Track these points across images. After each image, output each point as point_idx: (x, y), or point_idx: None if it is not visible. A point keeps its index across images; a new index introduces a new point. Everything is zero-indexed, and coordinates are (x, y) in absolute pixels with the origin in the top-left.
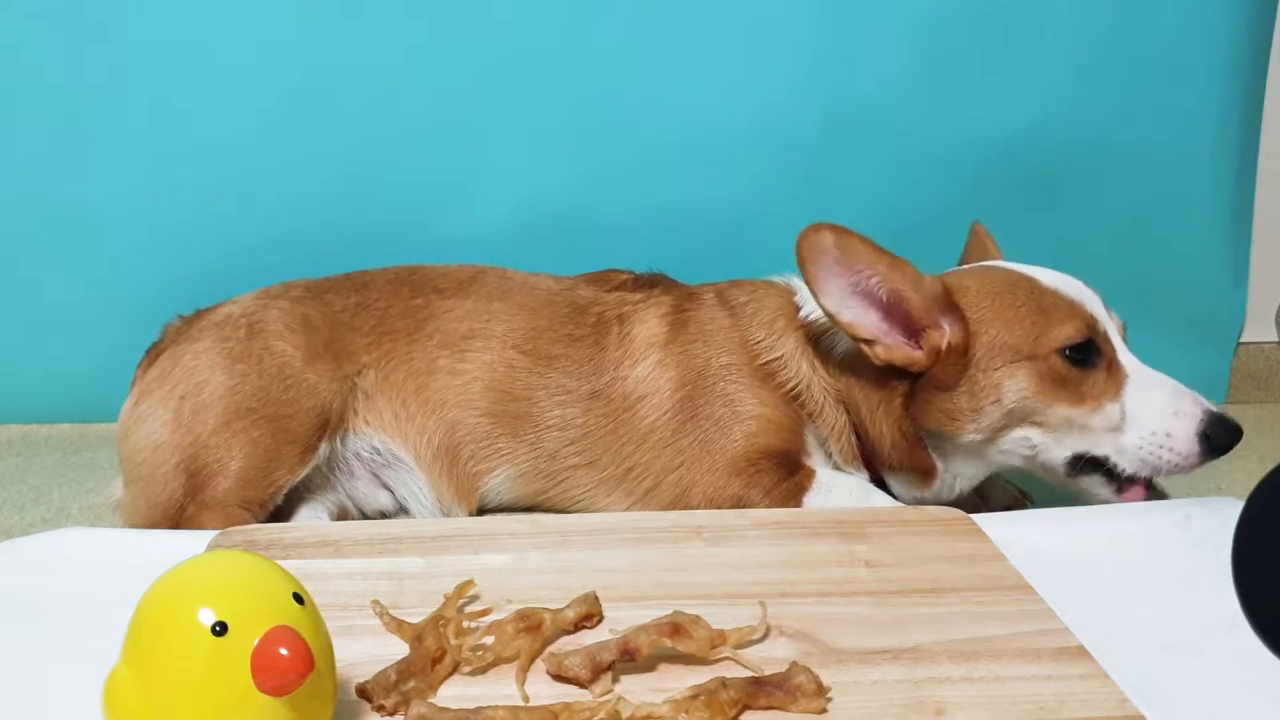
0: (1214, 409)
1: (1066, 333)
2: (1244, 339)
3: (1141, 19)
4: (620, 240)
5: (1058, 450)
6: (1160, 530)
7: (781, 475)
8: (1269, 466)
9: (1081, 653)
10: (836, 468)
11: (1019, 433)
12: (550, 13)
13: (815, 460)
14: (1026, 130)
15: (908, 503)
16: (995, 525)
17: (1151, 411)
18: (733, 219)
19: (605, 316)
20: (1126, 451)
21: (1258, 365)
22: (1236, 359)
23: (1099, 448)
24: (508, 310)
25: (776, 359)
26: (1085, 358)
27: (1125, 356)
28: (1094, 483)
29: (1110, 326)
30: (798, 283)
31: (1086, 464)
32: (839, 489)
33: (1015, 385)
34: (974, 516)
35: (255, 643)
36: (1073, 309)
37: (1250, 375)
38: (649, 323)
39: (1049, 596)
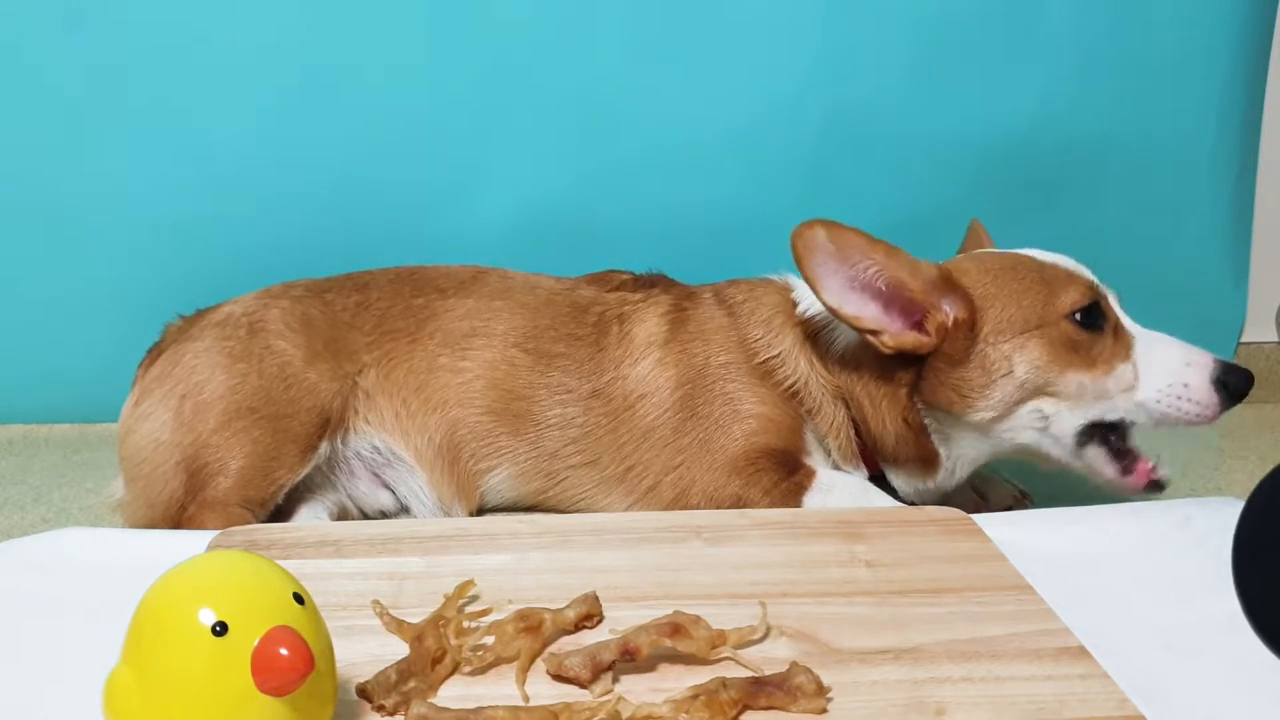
0: (1222, 359)
1: (1073, 298)
2: (1244, 339)
3: (1141, 18)
4: (621, 240)
5: (1071, 420)
6: (1160, 530)
7: (781, 474)
8: (1269, 466)
9: (1081, 653)
10: (835, 465)
11: (1031, 405)
12: (551, 12)
13: (815, 459)
14: (1026, 130)
15: (908, 495)
16: (995, 525)
17: (1164, 365)
18: (733, 219)
19: (606, 316)
20: (1146, 407)
21: (1258, 365)
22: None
23: (1115, 411)
24: (509, 309)
25: (774, 357)
26: (1093, 321)
27: (1127, 321)
28: (1099, 457)
29: (1109, 294)
30: (794, 280)
31: (1096, 435)
32: (839, 488)
33: (1026, 356)
34: (974, 516)
35: (255, 643)
36: (1073, 276)
37: None
38: (648, 322)
39: (1049, 596)
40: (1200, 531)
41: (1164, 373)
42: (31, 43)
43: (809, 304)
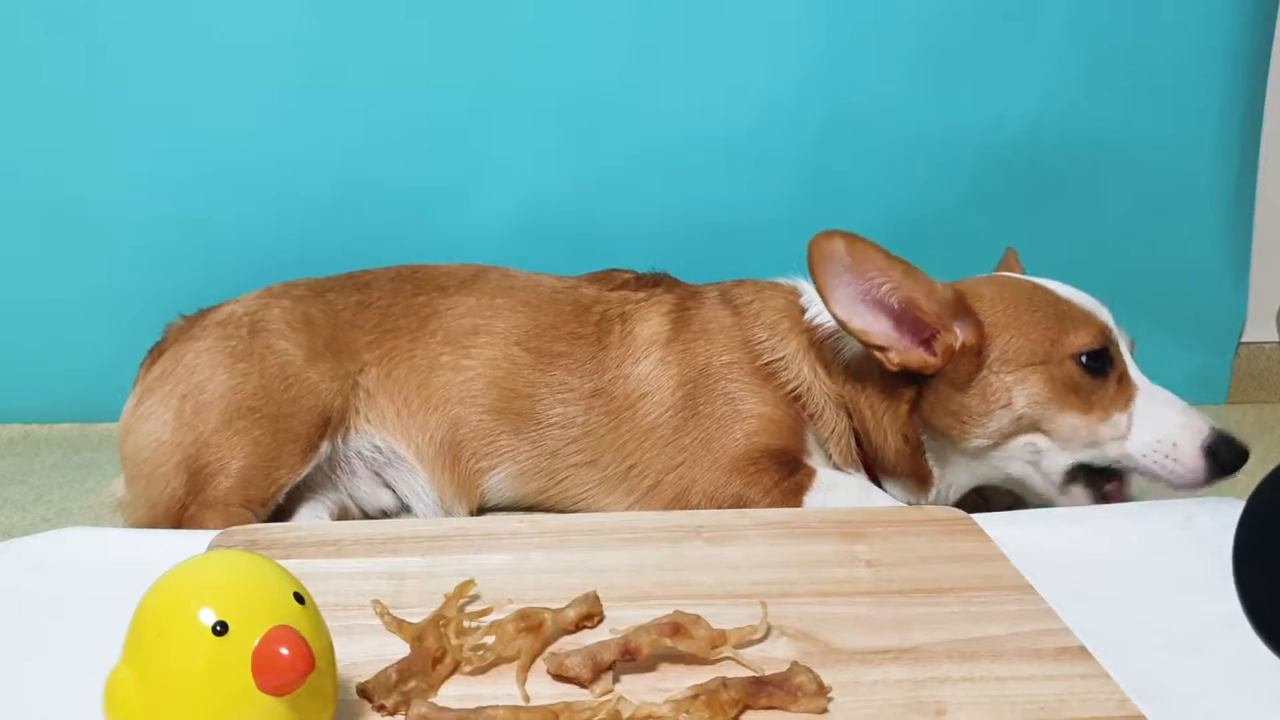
0: (1222, 429)
1: (1083, 339)
2: (1244, 339)
3: (1142, 19)
4: (621, 241)
5: (1061, 458)
6: (1160, 530)
7: (782, 474)
8: (1269, 466)
9: (1082, 653)
10: (836, 468)
11: (1025, 439)
12: (551, 12)
13: (815, 459)
14: (1026, 130)
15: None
16: (995, 525)
17: (1157, 422)
18: (734, 219)
19: (608, 315)
20: (1132, 458)
21: (1258, 365)
22: (1236, 359)
23: (1104, 457)
24: (511, 307)
25: (778, 360)
26: (1099, 366)
27: (1135, 372)
28: (1081, 495)
29: (1122, 340)
30: (804, 285)
31: (1082, 475)
32: (839, 488)
33: (1027, 390)
34: (974, 516)
35: (256, 642)
36: (1088, 317)
37: (1250, 375)
38: (651, 321)
39: (1049, 596)
40: (1200, 531)
41: (1155, 429)
42: (32, 43)
43: (817, 311)
